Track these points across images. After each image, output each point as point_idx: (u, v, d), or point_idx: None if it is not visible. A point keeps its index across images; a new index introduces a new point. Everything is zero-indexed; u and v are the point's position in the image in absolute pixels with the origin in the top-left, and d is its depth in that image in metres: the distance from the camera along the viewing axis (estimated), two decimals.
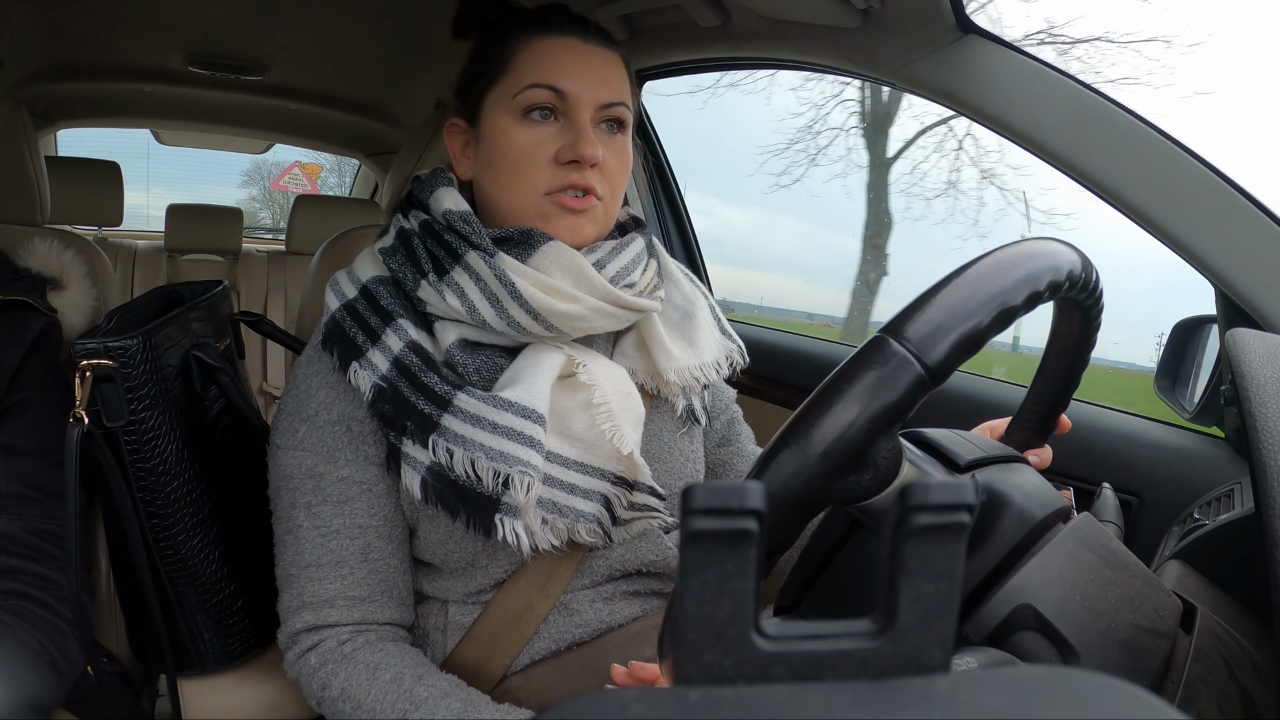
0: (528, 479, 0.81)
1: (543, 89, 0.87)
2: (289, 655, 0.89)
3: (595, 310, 0.87)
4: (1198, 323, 1.24)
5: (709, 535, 0.20)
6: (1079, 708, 0.20)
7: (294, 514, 0.88)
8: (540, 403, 0.84)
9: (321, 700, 0.86)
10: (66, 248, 1.16)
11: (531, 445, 0.82)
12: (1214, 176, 1.01)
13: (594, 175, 0.88)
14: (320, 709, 0.87)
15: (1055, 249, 0.55)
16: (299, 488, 0.88)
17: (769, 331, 1.96)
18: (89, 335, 0.92)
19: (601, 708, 0.20)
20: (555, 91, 0.87)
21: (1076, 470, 1.21)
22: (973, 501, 0.22)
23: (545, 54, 0.88)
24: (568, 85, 0.87)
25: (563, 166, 0.87)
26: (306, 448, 0.88)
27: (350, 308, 0.89)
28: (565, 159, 0.87)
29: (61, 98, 2.69)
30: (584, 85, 0.87)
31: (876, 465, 0.52)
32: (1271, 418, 0.52)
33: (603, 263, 0.90)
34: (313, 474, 0.87)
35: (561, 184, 0.87)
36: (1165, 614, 0.55)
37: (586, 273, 0.87)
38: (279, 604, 0.90)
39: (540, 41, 0.89)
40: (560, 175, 0.87)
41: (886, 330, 0.50)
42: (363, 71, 2.44)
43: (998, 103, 1.11)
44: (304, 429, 0.88)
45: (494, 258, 0.85)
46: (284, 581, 0.90)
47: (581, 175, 0.87)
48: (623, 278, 0.91)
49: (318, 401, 0.88)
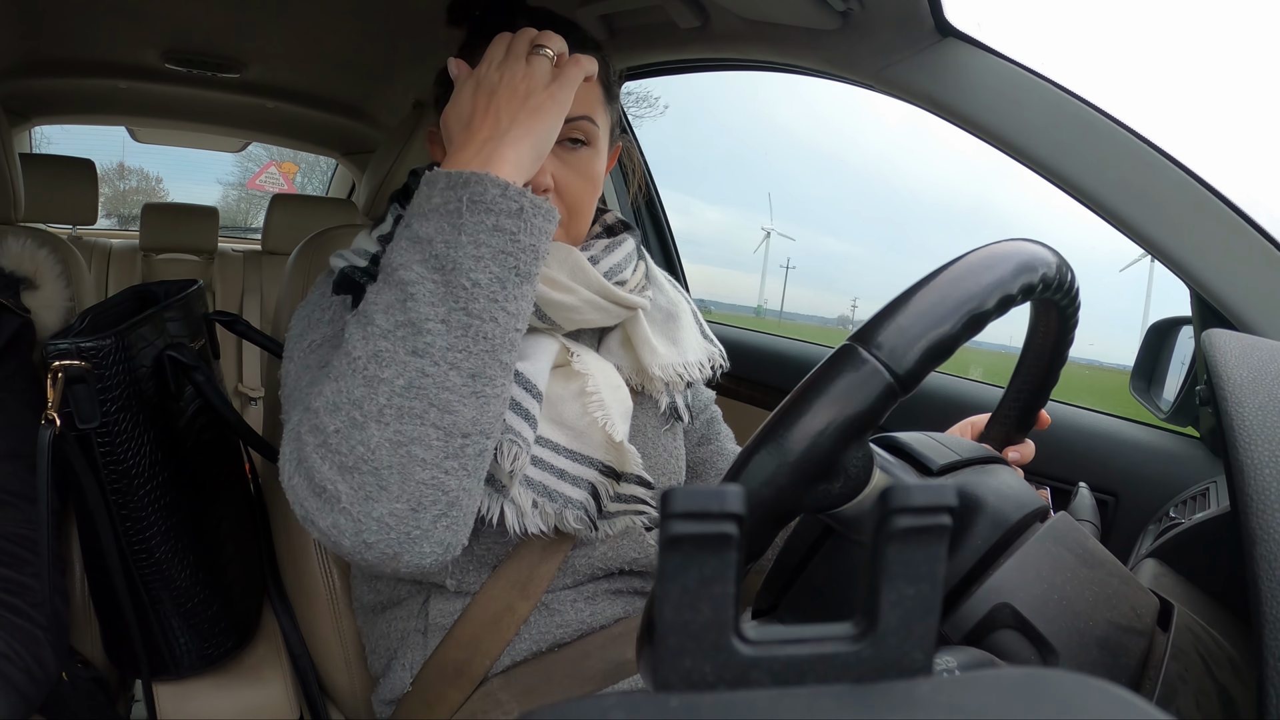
0: (515, 448, 0.80)
1: None
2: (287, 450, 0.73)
3: (588, 303, 0.87)
4: (1172, 324, 1.26)
5: (688, 539, 0.20)
6: (1061, 709, 0.20)
7: (311, 368, 0.82)
8: (540, 380, 0.84)
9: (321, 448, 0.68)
10: (40, 246, 1.14)
11: (526, 419, 0.82)
12: (1189, 179, 1.02)
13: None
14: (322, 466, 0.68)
15: (1029, 251, 0.55)
16: (319, 353, 0.83)
17: (746, 333, 1.97)
18: (61, 335, 0.90)
19: (581, 714, 0.19)
20: None
21: (1053, 470, 1.22)
22: (954, 503, 0.21)
23: None
24: None
25: None
26: (321, 326, 0.85)
27: (360, 269, 0.87)
28: None
29: (36, 94, 2.66)
30: None
31: (847, 474, 0.52)
32: (1247, 417, 0.52)
33: (596, 258, 0.91)
34: (332, 339, 0.83)
35: None
36: (1142, 612, 0.55)
37: (582, 265, 0.87)
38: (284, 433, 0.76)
39: None
40: None
41: (856, 338, 0.50)
42: (340, 70, 2.42)
43: (976, 106, 1.11)
44: (319, 337, 0.84)
45: None
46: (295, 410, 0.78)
47: None
48: (615, 274, 0.91)
49: (328, 319, 0.85)
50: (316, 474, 0.67)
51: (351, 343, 0.69)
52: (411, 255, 0.68)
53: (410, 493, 0.66)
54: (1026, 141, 1.08)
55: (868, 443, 0.53)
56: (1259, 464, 0.49)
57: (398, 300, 0.67)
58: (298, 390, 0.82)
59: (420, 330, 0.66)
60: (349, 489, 0.66)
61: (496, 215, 0.68)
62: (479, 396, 0.68)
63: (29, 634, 0.91)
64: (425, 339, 0.66)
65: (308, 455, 0.68)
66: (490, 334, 0.68)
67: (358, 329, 0.69)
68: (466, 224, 0.67)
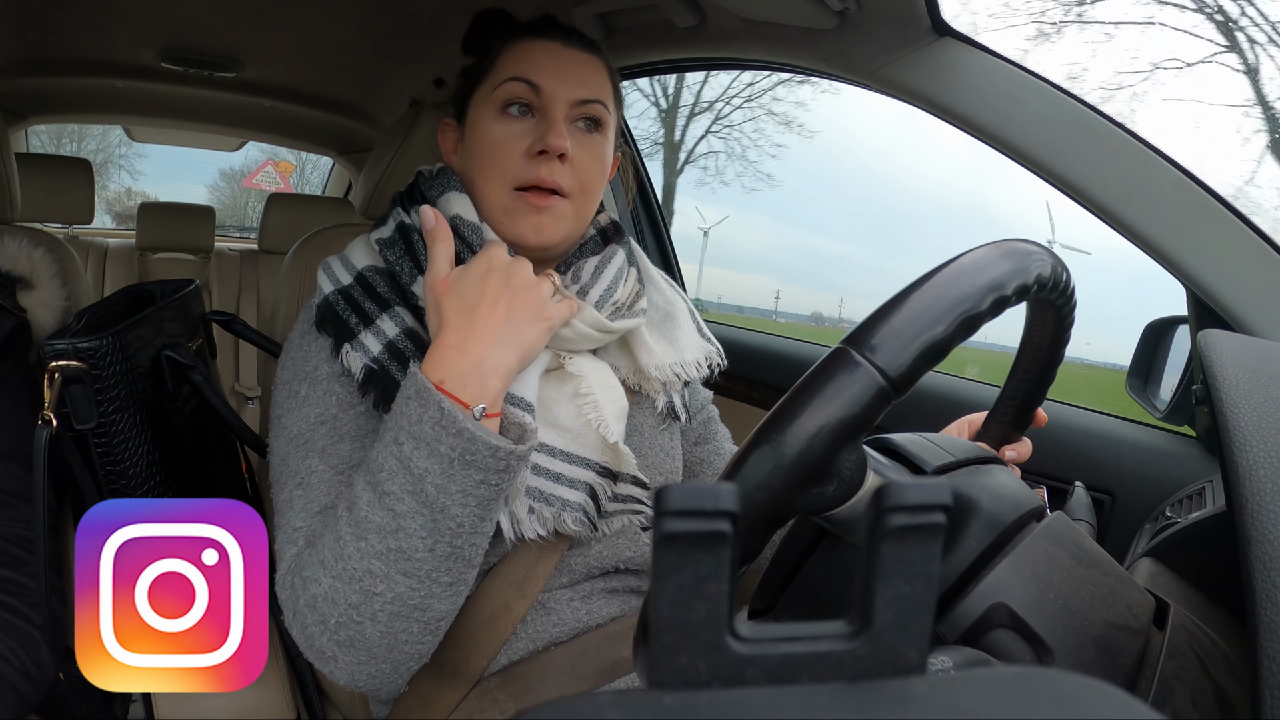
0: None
1: (518, 82, 0.88)
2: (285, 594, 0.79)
3: (582, 336, 0.88)
4: (1168, 323, 1.26)
5: (683, 537, 0.20)
6: (1057, 708, 0.20)
7: (305, 464, 0.83)
8: (529, 392, 0.84)
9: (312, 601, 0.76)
10: (36, 246, 1.14)
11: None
12: (1186, 179, 1.02)
13: (563, 171, 0.88)
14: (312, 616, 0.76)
15: (1025, 252, 0.55)
16: (311, 438, 0.84)
17: (743, 332, 1.96)
18: (58, 336, 0.90)
19: (577, 713, 0.19)
20: (530, 85, 0.88)
21: (1049, 469, 1.22)
22: (948, 502, 0.21)
23: (526, 53, 0.90)
24: (542, 80, 0.88)
25: (533, 159, 0.87)
26: (312, 401, 0.85)
27: (345, 293, 0.88)
28: (535, 150, 0.87)
29: (33, 93, 2.65)
30: (559, 81, 0.88)
31: (841, 476, 0.52)
32: (1243, 418, 0.52)
33: (586, 289, 0.91)
34: (324, 419, 0.85)
35: (530, 178, 0.87)
36: (1138, 611, 0.55)
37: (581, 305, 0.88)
38: (279, 568, 0.81)
39: (523, 44, 0.91)
40: (530, 168, 0.87)
41: (849, 341, 0.50)
42: (337, 69, 2.42)
43: (972, 105, 1.11)
44: (305, 388, 0.86)
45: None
46: (287, 539, 0.82)
47: (550, 170, 0.87)
48: (607, 299, 0.91)
49: (316, 360, 0.87)
50: (316, 640, 0.76)
51: (346, 546, 0.75)
52: (403, 484, 0.72)
53: (395, 660, 0.77)
54: (1023, 141, 1.08)
55: (861, 445, 0.53)
56: (1255, 464, 0.49)
57: (389, 527, 0.73)
58: (287, 469, 0.85)
59: (409, 556, 0.73)
60: (345, 656, 0.76)
61: (485, 473, 0.73)
62: (456, 595, 0.78)
63: (26, 634, 0.91)
64: (414, 563, 0.73)
65: (308, 624, 0.76)
66: (470, 555, 0.76)
67: (351, 539, 0.74)
68: (456, 475, 0.72)
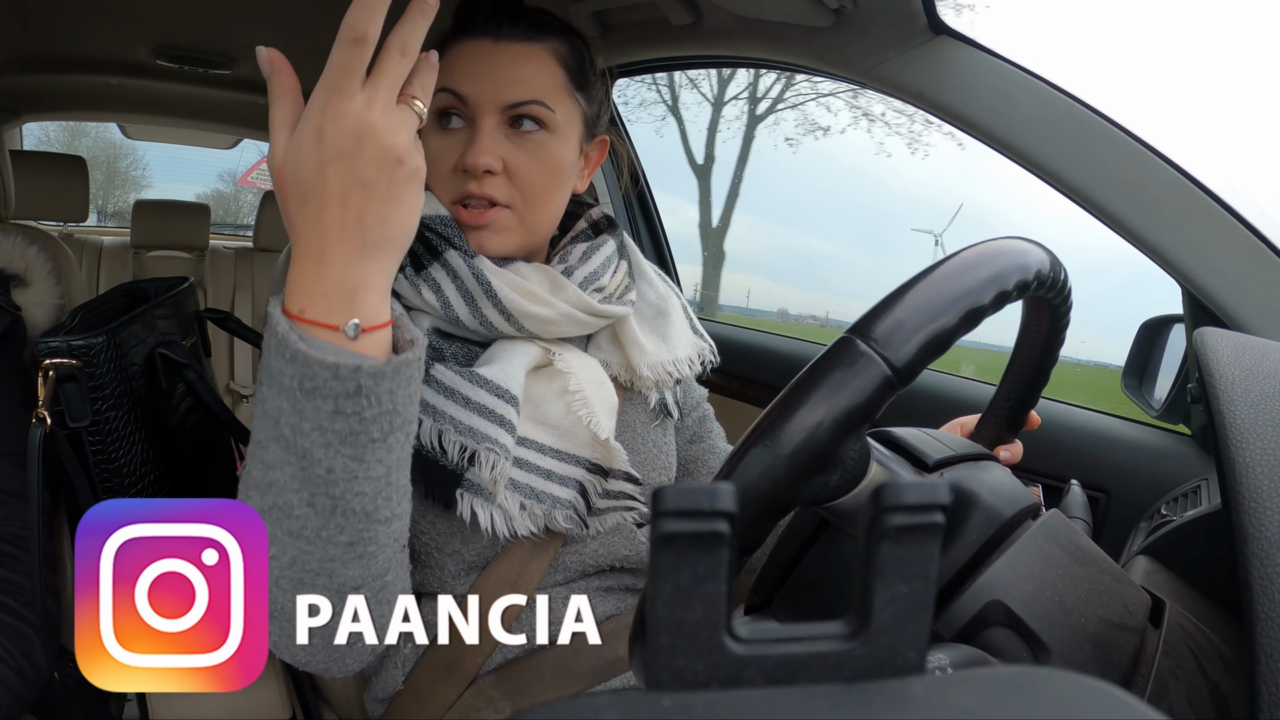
0: (494, 456, 0.80)
1: (445, 93, 0.84)
2: None
3: (566, 316, 0.87)
4: (1164, 322, 1.26)
5: (680, 538, 0.20)
6: (1054, 707, 0.20)
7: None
8: (514, 384, 0.83)
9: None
10: (31, 244, 1.13)
11: (502, 424, 0.81)
12: (1181, 178, 1.02)
13: (495, 183, 0.85)
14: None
15: (1023, 248, 0.56)
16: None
17: (738, 330, 1.97)
18: (52, 333, 0.90)
19: (573, 713, 0.19)
20: (454, 95, 0.85)
21: (1045, 467, 1.23)
22: (946, 501, 0.21)
23: (455, 57, 0.86)
24: (466, 88, 0.84)
25: (460, 174, 0.85)
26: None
27: None
28: (461, 167, 0.85)
29: (26, 90, 2.64)
30: (483, 87, 0.85)
31: (844, 466, 0.52)
32: (1239, 415, 0.52)
33: (571, 269, 0.90)
34: None
35: (459, 194, 0.85)
36: (1134, 609, 0.56)
37: (560, 281, 0.87)
38: None
39: (456, 46, 0.87)
40: (458, 184, 0.85)
41: (853, 331, 0.50)
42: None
43: (968, 103, 1.11)
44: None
45: (474, 258, 0.85)
46: None
47: (478, 185, 0.85)
48: (591, 283, 0.91)
49: None
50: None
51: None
52: (266, 430, 0.62)
53: (317, 638, 0.67)
54: (1018, 139, 1.08)
55: (865, 436, 0.53)
56: (1251, 462, 0.49)
57: (264, 482, 0.63)
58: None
59: (290, 515, 0.63)
60: (273, 628, 0.67)
61: (335, 399, 0.59)
62: (363, 558, 0.66)
63: (20, 633, 0.91)
64: (296, 522, 0.63)
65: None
66: (359, 507, 0.64)
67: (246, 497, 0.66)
68: (305, 409, 0.59)
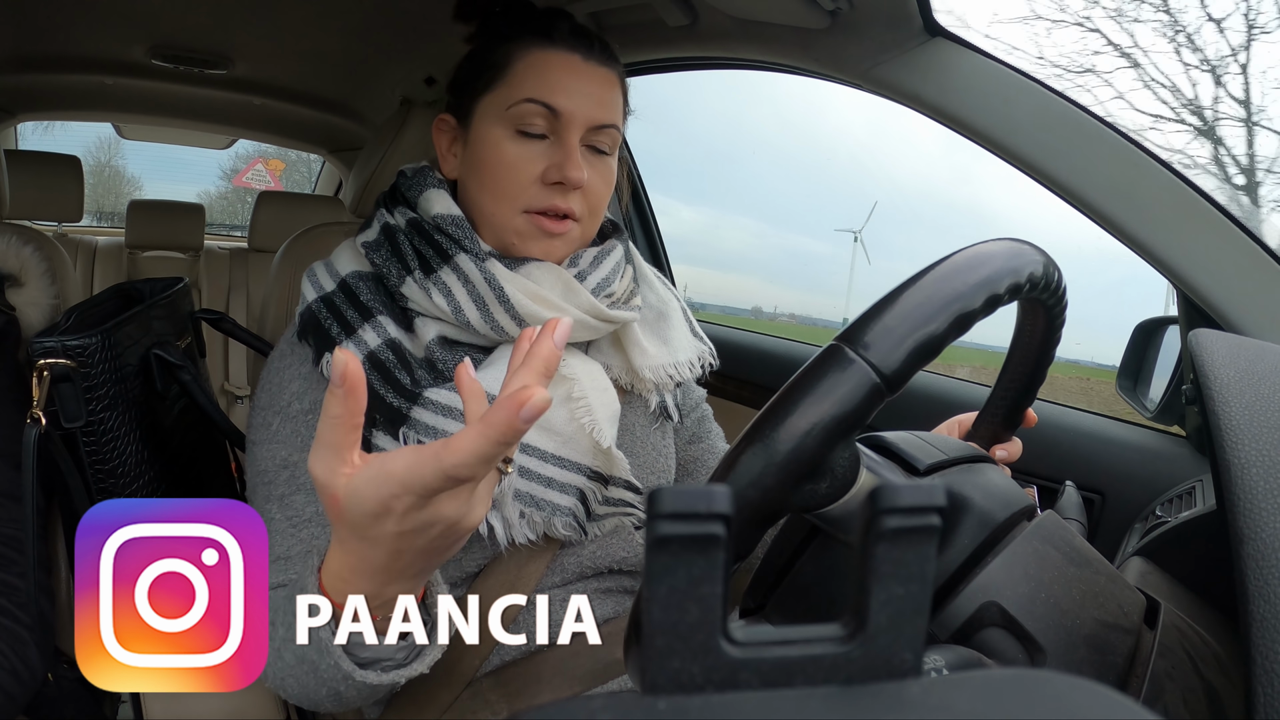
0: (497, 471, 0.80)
1: (538, 105, 0.85)
2: None
3: (579, 322, 0.87)
4: (1158, 323, 1.26)
5: (675, 540, 0.20)
6: (1051, 709, 0.20)
7: (267, 508, 0.85)
8: None
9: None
10: (25, 244, 1.13)
11: None
12: (1176, 180, 1.02)
13: (575, 198, 0.87)
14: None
15: (1016, 250, 0.55)
16: (273, 480, 0.85)
17: (735, 331, 1.97)
18: (47, 334, 0.90)
19: (569, 715, 0.19)
20: (549, 109, 0.85)
21: (1040, 468, 1.23)
22: (943, 504, 0.21)
23: (545, 68, 0.87)
24: (563, 103, 0.85)
25: (547, 187, 0.86)
26: (280, 439, 0.86)
27: (327, 300, 0.88)
28: (551, 180, 0.86)
29: (21, 90, 2.63)
30: (578, 104, 0.86)
31: (833, 473, 0.52)
32: (1234, 417, 0.52)
33: (584, 274, 0.91)
34: (287, 464, 0.85)
35: (543, 204, 0.86)
36: (1129, 610, 0.56)
37: (574, 286, 0.87)
38: None
39: (541, 54, 0.87)
40: (543, 195, 0.86)
41: (842, 338, 0.49)
42: (327, 67, 2.41)
43: (964, 106, 1.11)
44: (277, 421, 0.86)
45: (485, 262, 0.85)
46: None
47: (564, 198, 0.86)
48: (603, 289, 0.91)
49: (290, 393, 0.87)
50: None
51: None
52: (277, 632, 0.68)
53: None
54: (1014, 141, 1.08)
55: (854, 443, 0.53)
56: (1246, 463, 0.49)
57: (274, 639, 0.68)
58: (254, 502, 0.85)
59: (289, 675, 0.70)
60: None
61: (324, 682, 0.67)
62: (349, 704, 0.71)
63: (14, 634, 0.90)
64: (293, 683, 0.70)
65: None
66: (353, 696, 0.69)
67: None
68: (299, 669, 0.68)
